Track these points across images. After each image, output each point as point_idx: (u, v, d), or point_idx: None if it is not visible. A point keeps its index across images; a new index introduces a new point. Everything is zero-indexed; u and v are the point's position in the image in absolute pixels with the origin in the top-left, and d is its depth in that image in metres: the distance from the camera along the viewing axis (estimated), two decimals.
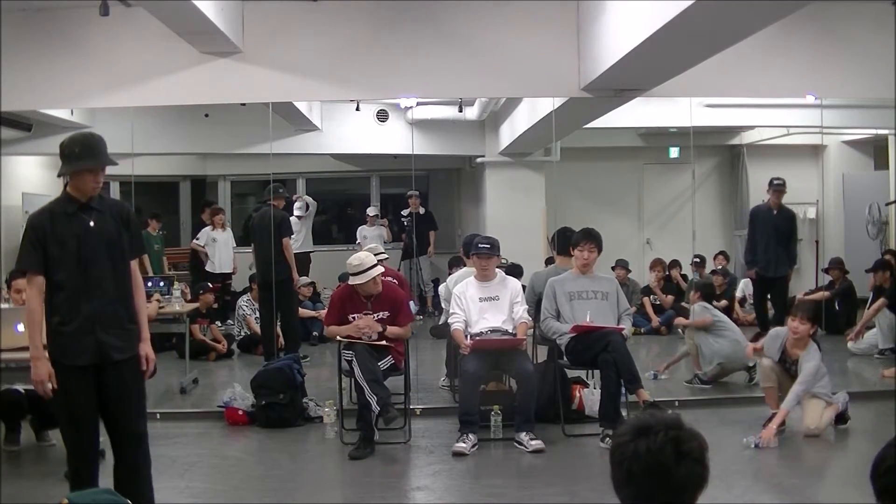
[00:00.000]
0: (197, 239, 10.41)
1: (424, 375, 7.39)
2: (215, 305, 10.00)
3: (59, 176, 3.93)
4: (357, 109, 9.55)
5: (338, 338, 5.76)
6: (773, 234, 8.59)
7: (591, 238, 6.09)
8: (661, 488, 1.84)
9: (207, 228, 10.34)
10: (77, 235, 3.82)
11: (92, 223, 3.87)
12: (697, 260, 10.39)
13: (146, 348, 3.99)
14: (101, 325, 3.81)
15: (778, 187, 8.65)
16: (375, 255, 6.17)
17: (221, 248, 10.21)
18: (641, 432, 1.87)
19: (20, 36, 6.53)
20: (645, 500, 1.86)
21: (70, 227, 3.82)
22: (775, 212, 8.67)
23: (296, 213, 10.15)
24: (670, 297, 10.32)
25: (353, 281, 5.75)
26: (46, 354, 3.78)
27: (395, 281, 6.47)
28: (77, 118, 8.92)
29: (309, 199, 10.51)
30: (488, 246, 6.03)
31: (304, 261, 10.16)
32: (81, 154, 3.93)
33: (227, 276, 10.25)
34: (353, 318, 5.79)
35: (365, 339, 5.65)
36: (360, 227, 11.57)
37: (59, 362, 3.78)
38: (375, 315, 5.79)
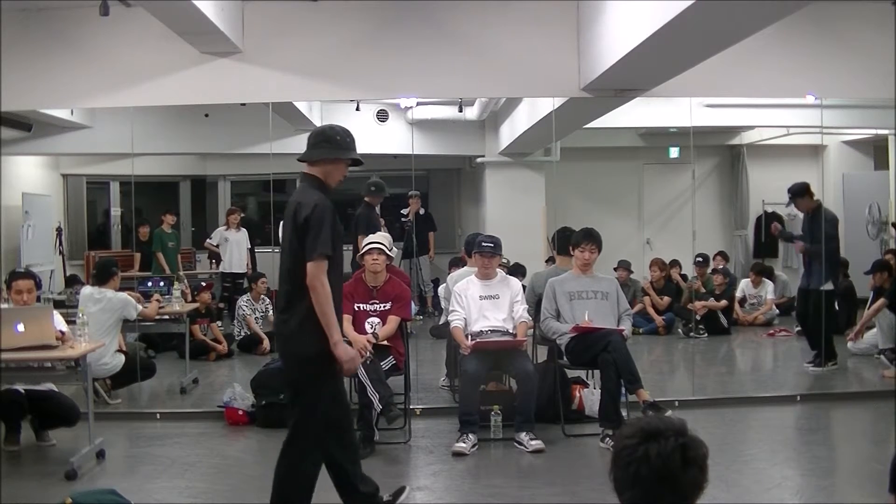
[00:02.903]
0: (210, 238, 10.44)
1: (424, 375, 7.40)
2: (221, 304, 9.99)
3: (314, 160, 3.86)
4: (357, 109, 9.54)
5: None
6: (808, 241, 8.01)
7: (592, 238, 6.09)
8: (666, 492, 1.86)
9: (221, 228, 10.35)
10: (339, 225, 3.85)
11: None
12: (700, 259, 10.39)
13: None
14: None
15: (789, 200, 8.09)
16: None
17: (233, 248, 10.20)
18: (651, 436, 1.88)
19: (20, 36, 6.53)
20: (648, 503, 1.87)
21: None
22: (809, 215, 8.04)
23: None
24: (666, 299, 10.31)
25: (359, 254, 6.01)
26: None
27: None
28: (77, 118, 8.92)
29: None
30: (492, 245, 6.05)
31: None
32: (351, 145, 3.91)
33: (240, 275, 10.24)
34: (360, 307, 5.85)
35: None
36: None
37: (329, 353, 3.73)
38: (380, 306, 5.86)
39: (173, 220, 10.07)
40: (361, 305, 5.86)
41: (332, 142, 3.86)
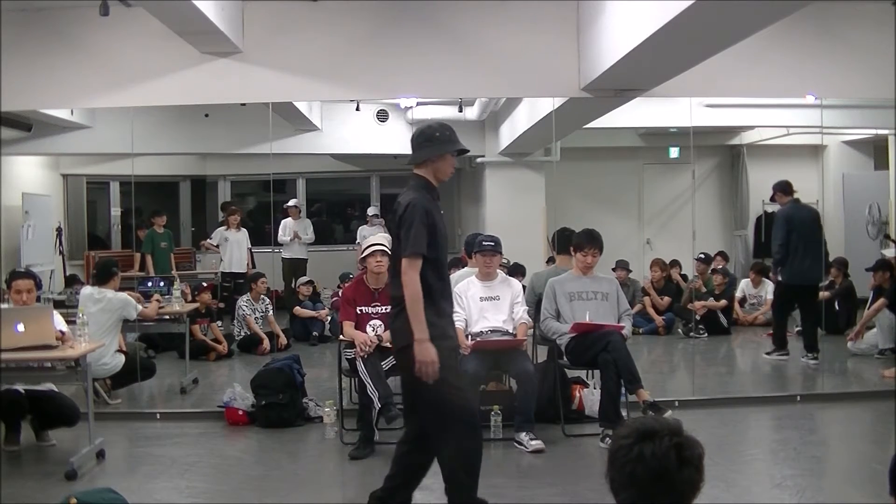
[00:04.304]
0: (210, 238, 10.45)
1: None
2: (222, 304, 9.99)
3: (421, 161, 3.96)
4: (357, 109, 9.55)
5: (340, 337, 5.80)
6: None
7: (594, 241, 6.05)
8: (662, 492, 1.86)
9: (221, 228, 10.37)
10: (441, 222, 3.93)
11: (442, 211, 3.98)
12: (702, 256, 10.38)
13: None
14: None
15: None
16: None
17: (233, 248, 10.20)
18: (646, 436, 1.89)
19: (20, 36, 6.53)
20: (645, 502, 1.88)
21: (437, 213, 3.91)
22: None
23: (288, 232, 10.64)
24: (667, 299, 10.30)
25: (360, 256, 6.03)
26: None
27: None
28: (77, 118, 8.93)
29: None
30: (492, 244, 6.05)
31: (298, 266, 10.53)
32: (452, 138, 3.99)
33: (240, 275, 10.25)
34: (362, 310, 5.83)
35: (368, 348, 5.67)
36: (360, 227, 11.61)
37: (444, 344, 3.82)
38: (382, 308, 5.83)
39: (163, 222, 10.03)
40: (363, 308, 5.83)
41: (432, 140, 3.97)
